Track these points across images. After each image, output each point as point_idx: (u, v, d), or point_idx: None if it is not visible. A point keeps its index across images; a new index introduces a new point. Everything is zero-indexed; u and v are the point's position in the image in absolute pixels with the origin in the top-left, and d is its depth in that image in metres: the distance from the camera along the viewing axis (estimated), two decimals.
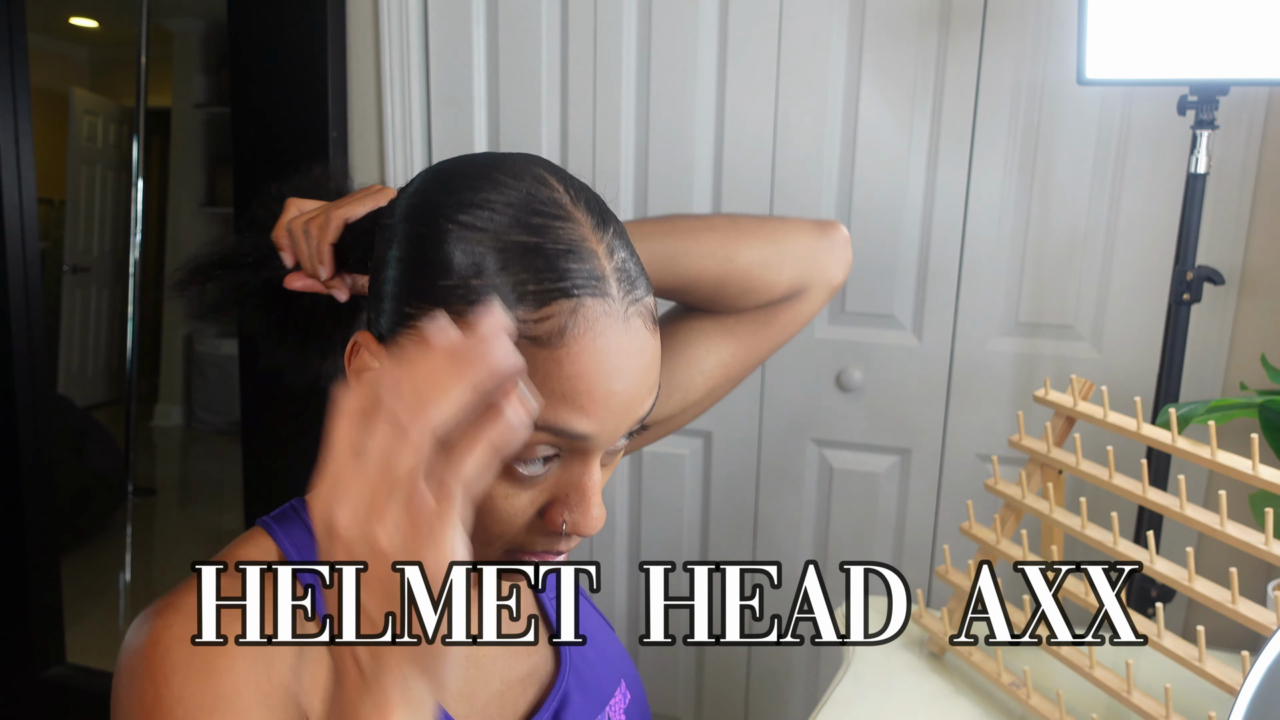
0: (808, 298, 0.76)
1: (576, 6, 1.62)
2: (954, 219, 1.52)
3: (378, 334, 0.54)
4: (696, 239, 0.70)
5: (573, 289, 0.49)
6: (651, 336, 0.52)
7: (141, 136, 3.43)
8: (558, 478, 0.52)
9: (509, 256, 0.49)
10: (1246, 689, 0.61)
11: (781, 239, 0.74)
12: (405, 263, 0.52)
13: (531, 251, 0.49)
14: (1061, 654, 0.95)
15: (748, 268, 0.72)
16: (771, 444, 1.68)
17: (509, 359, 0.38)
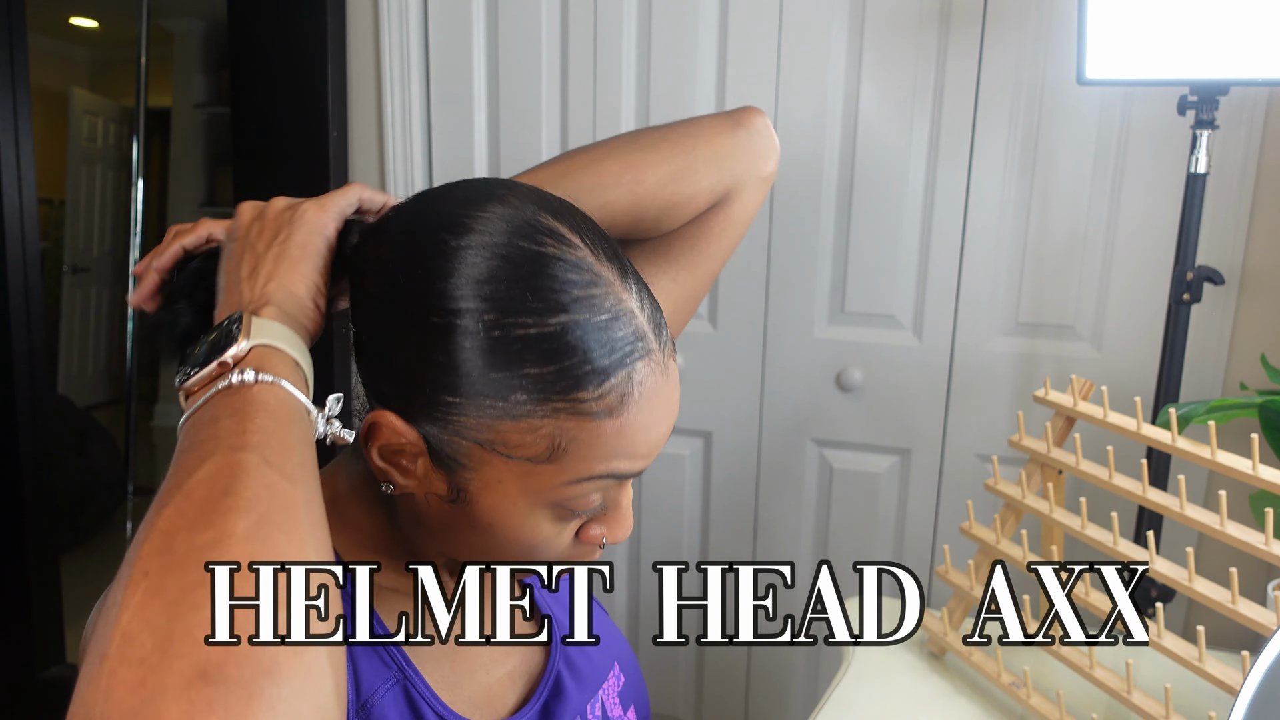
0: (739, 198, 0.73)
1: (576, 6, 1.62)
2: (954, 219, 1.52)
3: (409, 416, 0.52)
4: (597, 171, 0.66)
5: (625, 359, 0.51)
6: (677, 373, 0.56)
7: (141, 136, 3.43)
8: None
9: (559, 342, 0.49)
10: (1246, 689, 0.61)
11: (690, 146, 0.69)
12: (430, 351, 0.50)
13: (578, 329, 0.50)
14: (1062, 654, 0.95)
15: (658, 186, 0.68)
16: (771, 444, 1.68)
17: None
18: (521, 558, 0.56)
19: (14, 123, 1.99)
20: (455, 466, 0.52)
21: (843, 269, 1.59)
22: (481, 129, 1.72)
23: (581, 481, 0.52)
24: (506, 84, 1.68)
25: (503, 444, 0.51)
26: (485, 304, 0.49)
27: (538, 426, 0.50)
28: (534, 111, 1.67)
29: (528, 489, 0.52)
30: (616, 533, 0.57)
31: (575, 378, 0.49)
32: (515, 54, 1.67)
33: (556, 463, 0.51)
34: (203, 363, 0.48)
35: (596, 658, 0.72)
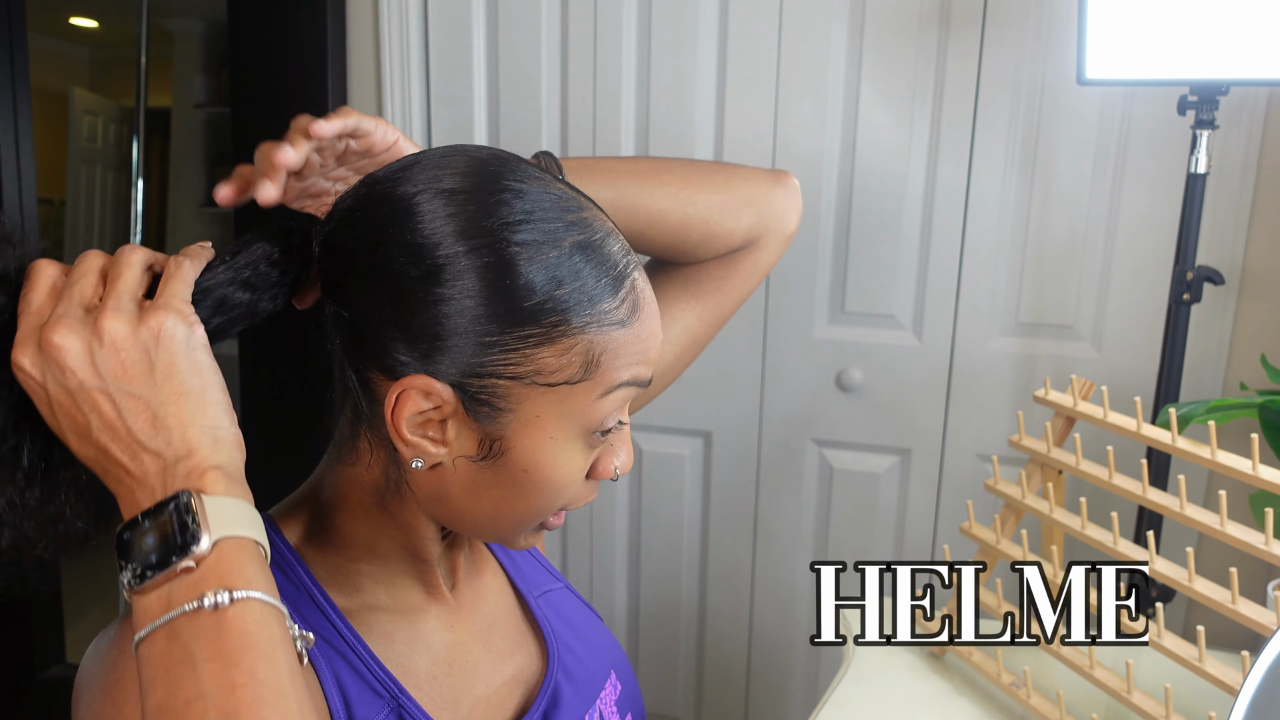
0: (765, 246, 0.77)
1: (576, 6, 1.62)
2: (954, 219, 1.52)
3: (436, 374, 0.52)
4: (658, 180, 0.70)
5: (627, 269, 0.54)
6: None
7: (141, 136, 3.43)
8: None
9: (576, 260, 0.52)
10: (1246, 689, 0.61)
11: (738, 185, 0.74)
12: (467, 297, 0.50)
13: (588, 248, 0.53)
14: (1062, 654, 0.95)
15: (707, 212, 0.72)
16: (771, 444, 1.68)
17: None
18: (542, 506, 0.57)
19: (14, 123, 1.99)
20: (491, 414, 0.53)
21: (843, 269, 1.59)
22: (481, 129, 1.72)
23: (609, 393, 0.54)
24: (506, 84, 1.68)
25: (541, 372, 0.52)
26: (505, 239, 0.51)
27: (572, 345, 0.52)
28: (534, 111, 1.67)
29: (564, 415, 0.53)
30: (627, 460, 0.59)
31: (597, 291, 0.52)
32: (515, 54, 1.67)
33: (590, 379, 0.53)
34: (156, 563, 0.44)
35: (594, 666, 0.71)
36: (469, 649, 0.65)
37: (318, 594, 0.58)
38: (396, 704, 0.57)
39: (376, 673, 0.58)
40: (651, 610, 1.81)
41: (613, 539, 1.80)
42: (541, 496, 0.56)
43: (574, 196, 0.55)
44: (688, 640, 1.81)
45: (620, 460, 0.59)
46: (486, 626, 0.67)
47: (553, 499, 0.56)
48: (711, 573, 1.76)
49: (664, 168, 0.72)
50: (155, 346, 0.47)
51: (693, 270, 0.76)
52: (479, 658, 0.65)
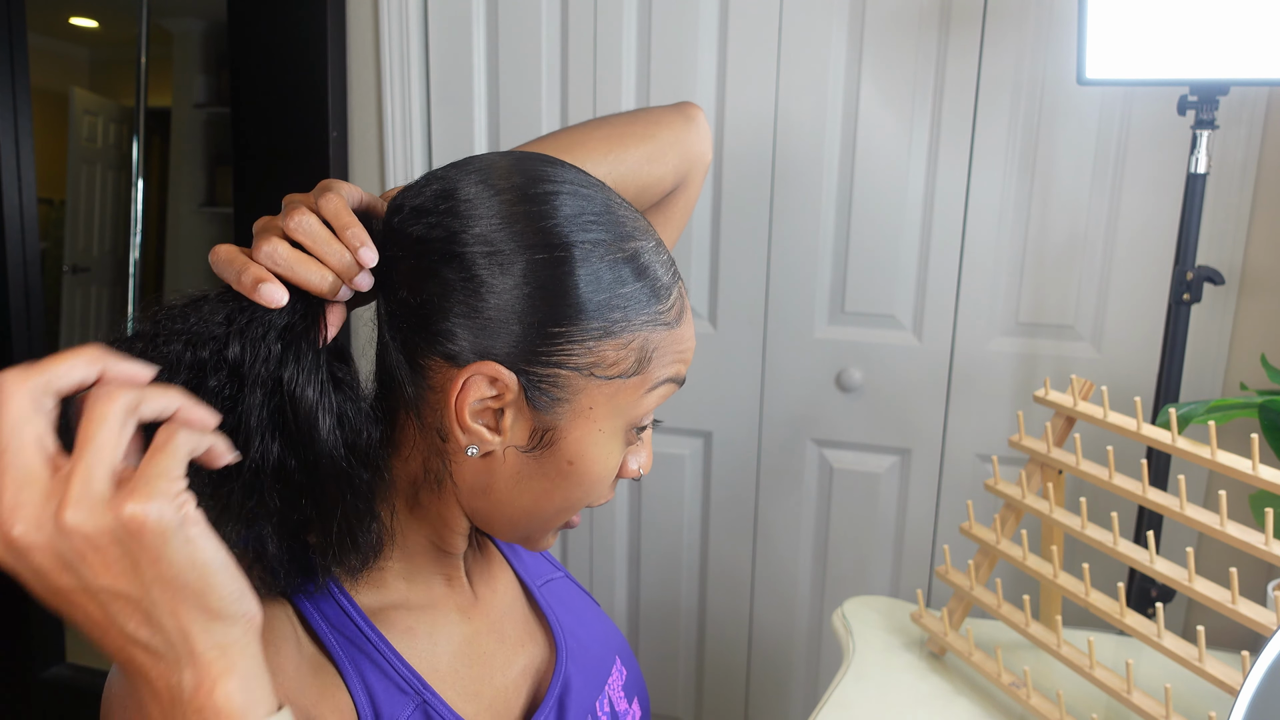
0: (691, 182, 0.80)
1: (576, 6, 1.62)
2: (954, 219, 1.52)
3: (502, 361, 0.53)
4: (586, 150, 0.71)
5: (675, 275, 0.59)
6: None
7: (141, 136, 3.43)
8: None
9: (635, 263, 0.56)
10: (1246, 689, 0.61)
11: (654, 132, 0.75)
12: (539, 288, 0.53)
13: (646, 252, 0.57)
14: (1061, 654, 0.95)
15: (636, 166, 0.73)
16: (771, 444, 1.68)
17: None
18: (577, 500, 0.59)
19: (14, 123, 1.99)
20: (550, 403, 0.55)
21: (843, 269, 1.59)
22: (481, 129, 1.72)
23: (654, 389, 0.58)
24: (506, 84, 1.68)
25: (600, 364, 0.55)
26: (576, 237, 0.54)
27: (630, 340, 0.55)
28: (534, 111, 1.67)
29: (614, 409, 0.57)
30: (648, 460, 0.63)
31: (654, 292, 0.56)
32: (515, 54, 1.67)
33: (641, 374, 0.57)
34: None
35: (600, 653, 0.72)
36: (485, 641, 0.65)
37: (340, 594, 0.58)
38: (422, 700, 0.58)
39: (401, 670, 0.58)
40: (651, 610, 1.81)
41: (613, 539, 1.80)
42: (580, 490, 0.58)
43: (620, 201, 0.59)
44: (688, 640, 1.81)
45: (641, 460, 0.62)
46: (499, 618, 0.68)
47: (588, 493, 0.59)
48: (711, 573, 1.76)
49: (587, 134, 0.72)
50: (135, 542, 0.39)
51: None
52: (494, 649, 0.66)
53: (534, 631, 0.70)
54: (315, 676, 0.55)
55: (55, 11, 4.24)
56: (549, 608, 0.72)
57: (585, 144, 0.71)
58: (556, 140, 0.71)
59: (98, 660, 2.29)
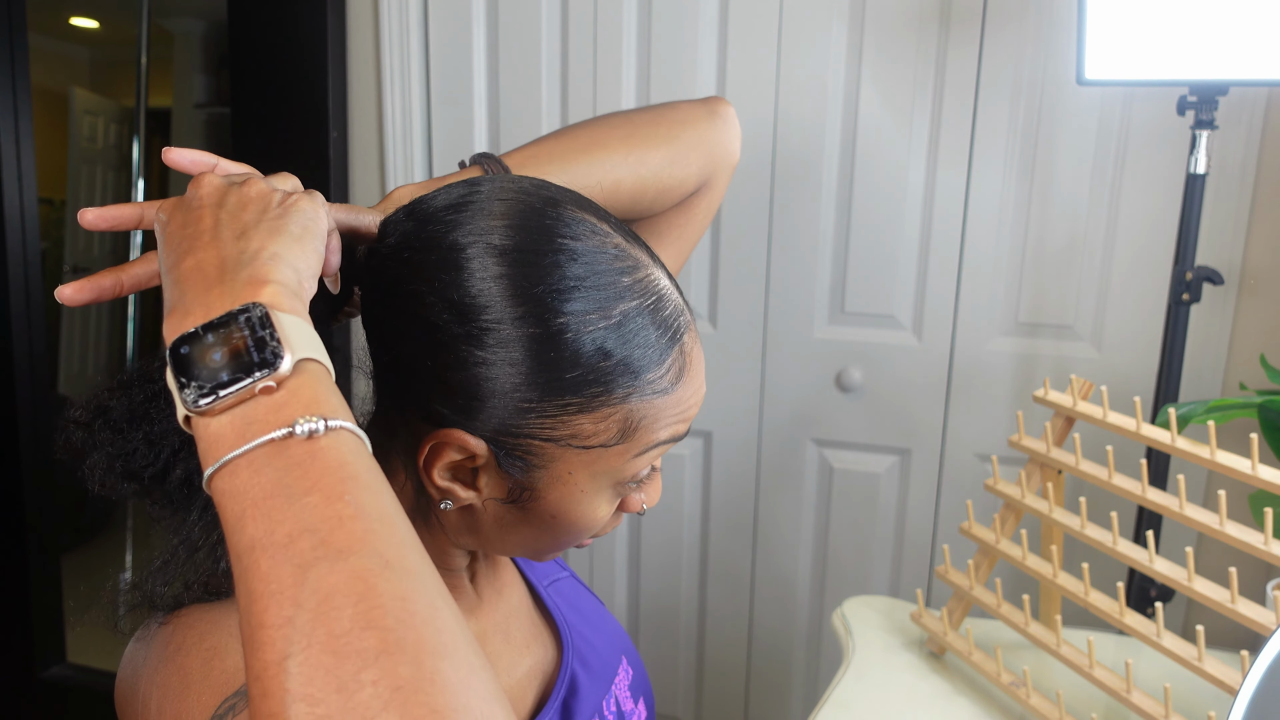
0: (716, 183, 0.76)
1: (576, 6, 1.62)
2: (954, 219, 1.52)
3: (472, 430, 0.51)
4: (606, 150, 0.68)
5: (676, 334, 0.54)
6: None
7: (142, 136, 3.43)
8: None
9: (625, 331, 0.51)
10: (1246, 689, 0.61)
11: (679, 132, 0.72)
12: (511, 365, 0.50)
13: (637, 316, 0.52)
14: (1061, 654, 0.95)
15: (659, 169, 0.70)
16: (771, 444, 1.68)
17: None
18: (569, 541, 0.58)
19: (14, 123, 1.99)
20: (524, 469, 0.53)
21: (843, 269, 1.59)
22: (481, 129, 1.72)
23: (645, 453, 0.54)
24: (506, 84, 1.68)
25: (577, 436, 0.52)
26: (554, 308, 0.50)
27: (611, 414, 0.52)
28: (534, 111, 1.67)
29: (596, 474, 0.54)
30: (655, 496, 0.60)
31: (644, 361, 0.52)
32: (515, 54, 1.67)
33: (626, 442, 0.53)
34: (227, 380, 0.38)
35: (606, 653, 0.72)
36: (490, 641, 0.65)
37: None
38: None
39: None
40: (651, 610, 1.81)
41: (613, 539, 1.80)
42: (569, 535, 0.57)
43: (630, 252, 0.53)
44: (688, 640, 1.81)
45: (648, 496, 0.59)
46: (505, 618, 0.67)
47: (579, 535, 0.57)
48: (711, 572, 1.76)
49: (606, 134, 0.69)
50: (281, 204, 0.47)
51: (650, 223, 0.75)
52: (500, 650, 0.66)
53: (540, 632, 0.70)
54: None
55: (55, 11, 4.24)
56: (556, 607, 0.72)
57: (606, 144, 0.68)
58: (575, 137, 0.69)
59: (98, 660, 2.29)
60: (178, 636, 0.52)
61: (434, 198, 0.54)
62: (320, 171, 1.71)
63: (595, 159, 0.67)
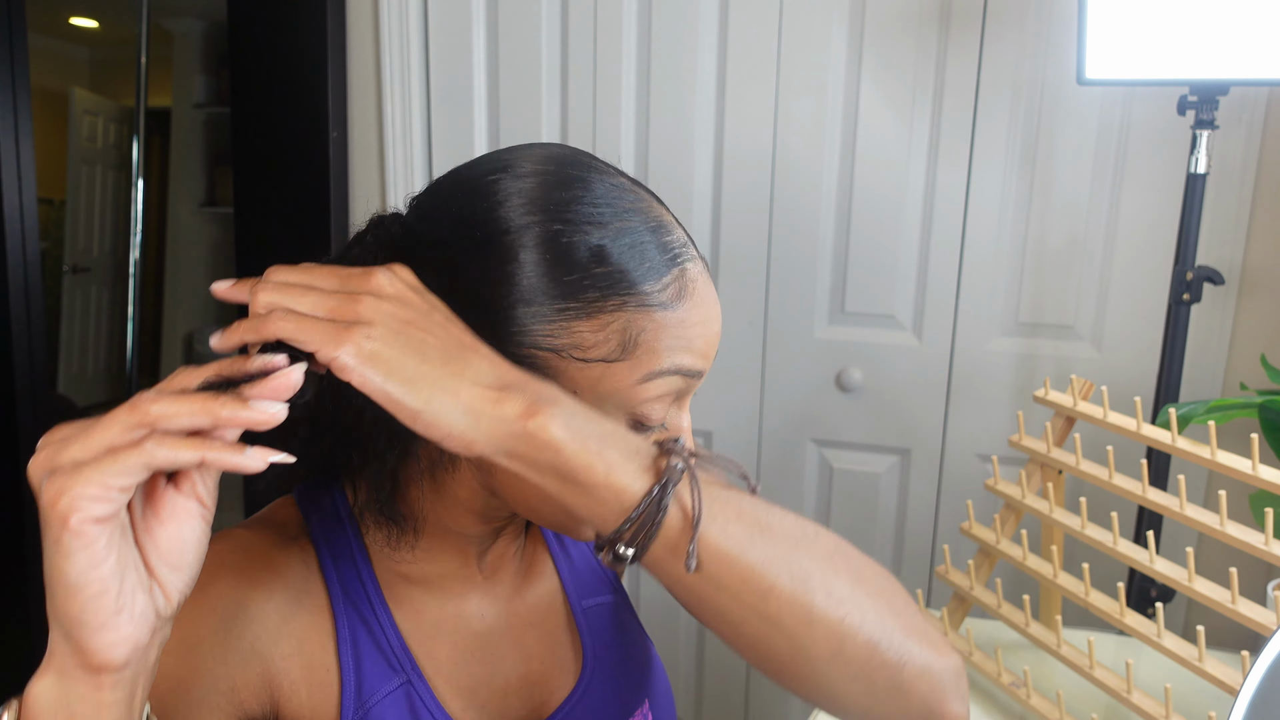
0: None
1: (576, 6, 1.62)
2: (954, 219, 1.52)
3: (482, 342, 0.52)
4: (829, 568, 0.51)
5: (676, 258, 0.55)
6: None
7: (141, 136, 3.43)
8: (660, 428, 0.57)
9: (621, 241, 0.54)
10: (1246, 689, 0.61)
11: (924, 627, 0.54)
12: (509, 269, 0.52)
13: (637, 232, 0.54)
14: (1061, 654, 0.95)
15: (868, 644, 0.50)
16: (771, 444, 1.68)
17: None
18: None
19: (14, 123, 1.99)
20: None
21: (843, 269, 1.59)
22: (481, 129, 1.72)
23: (651, 378, 0.54)
24: (506, 84, 1.68)
25: (578, 347, 0.53)
26: (550, 217, 0.53)
27: (609, 321, 0.53)
28: (534, 111, 1.67)
29: (601, 395, 0.54)
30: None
31: (639, 272, 0.54)
32: (515, 54, 1.67)
33: (629, 359, 0.53)
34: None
35: (626, 692, 0.70)
36: (499, 642, 0.65)
37: (360, 559, 0.59)
38: (408, 680, 0.58)
39: (395, 646, 0.59)
40: (651, 610, 1.81)
41: None
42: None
43: (644, 195, 0.57)
44: (688, 640, 1.81)
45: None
46: (523, 625, 0.66)
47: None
48: None
49: (832, 551, 0.52)
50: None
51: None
52: (506, 652, 0.65)
53: (560, 651, 0.68)
54: (307, 625, 0.57)
55: (55, 11, 4.24)
56: (586, 631, 0.70)
57: (834, 557, 0.52)
58: (795, 522, 0.53)
59: None
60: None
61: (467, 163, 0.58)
62: (320, 171, 1.71)
63: (813, 570, 0.50)
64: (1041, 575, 0.99)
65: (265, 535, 0.59)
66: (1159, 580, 0.93)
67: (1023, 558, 1.01)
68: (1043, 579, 0.98)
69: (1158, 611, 0.88)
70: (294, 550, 0.59)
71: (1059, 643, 0.96)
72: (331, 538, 0.60)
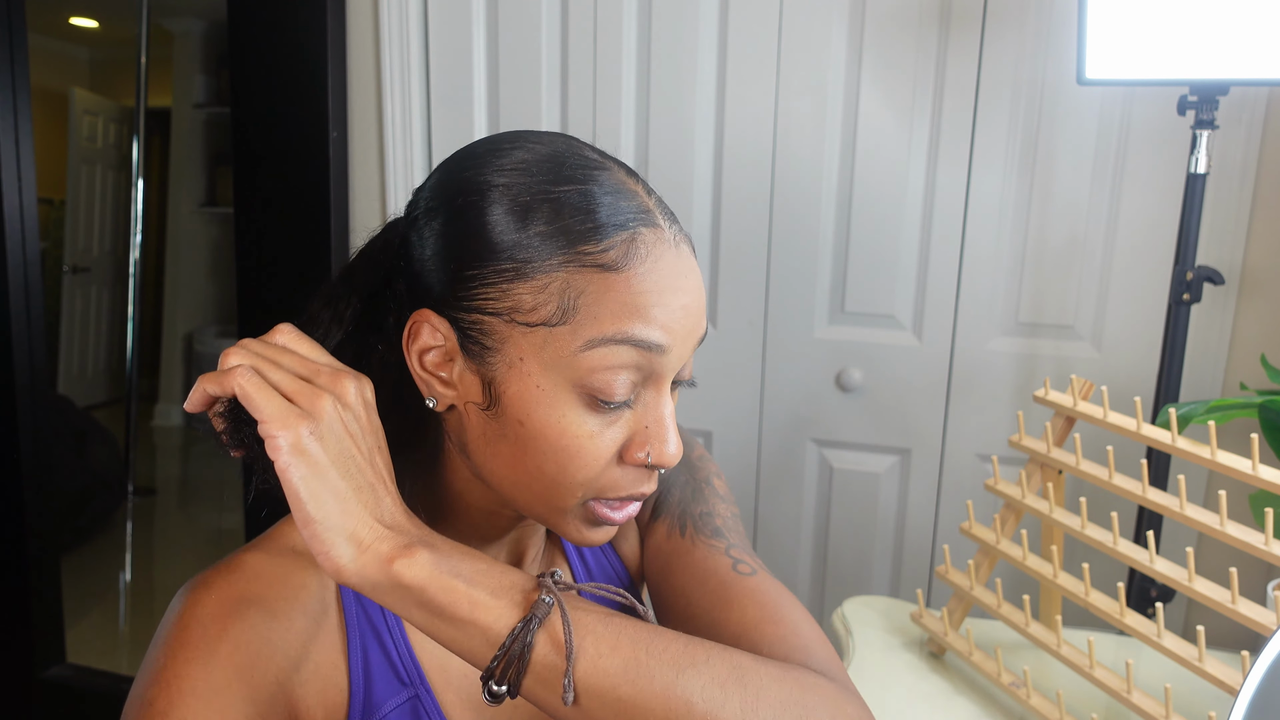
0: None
1: (576, 6, 1.62)
2: (954, 219, 1.52)
3: (437, 309, 0.55)
4: (719, 693, 0.49)
5: (627, 222, 0.54)
6: (696, 264, 0.58)
7: (141, 136, 3.43)
8: (636, 414, 0.55)
9: (559, 204, 0.53)
10: (1246, 689, 0.61)
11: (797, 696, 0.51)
12: (455, 232, 0.54)
13: (580, 195, 0.53)
14: (1061, 654, 0.95)
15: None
16: (771, 444, 1.68)
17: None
18: (558, 474, 0.54)
19: (14, 123, 1.99)
20: (481, 353, 0.54)
21: (843, 269, 1.59)
22: (481, 129, 1.72)
23: (595, 345, 0.52)
24: (506, 84, 1.68)
25: (518, 310, 0.53)
26: (504, 180, 0.54)
27: (547, 283, 0.52)
28: (534, 111, 1.67)
29: (546, 363, 0.53)
30: (660, 450, 0.55)
31: (579, 232, 0.53)
32: (515, 54, 1.67)
33: (569, 323, 0.52)
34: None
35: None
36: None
37: None
38: (415, 695, 0.58)
39: (405, 659, 0.59)
40: None
41: None
42: (550, 462, 0.54)
43: (604, 163, 0.56)
44: None
45: (651, 449, 0.55)
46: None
47: (567, 466, 0.54)
48: None
49: (731, 671, 0.50)
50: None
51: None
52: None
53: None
54: (323, 644, 0.57)
55: (55, 11, 4.24)
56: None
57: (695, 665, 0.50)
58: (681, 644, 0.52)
59: (98, 660, 2.29)
60: (183, 621, 0.56)
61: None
62: (320, 171, 1.71)
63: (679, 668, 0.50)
64: (1041, 575, 0.99)
65: (280, 559, 0.58)
66: (1159, 580, 0.93)
67: (1023, 558, 1.01)
68: (1043, 579, 0.98)
69: (1158, 611, 0.88)
70: (310, 570, 0.58)
71: (1059, 643, 0.96)
72: None
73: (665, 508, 0.69)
